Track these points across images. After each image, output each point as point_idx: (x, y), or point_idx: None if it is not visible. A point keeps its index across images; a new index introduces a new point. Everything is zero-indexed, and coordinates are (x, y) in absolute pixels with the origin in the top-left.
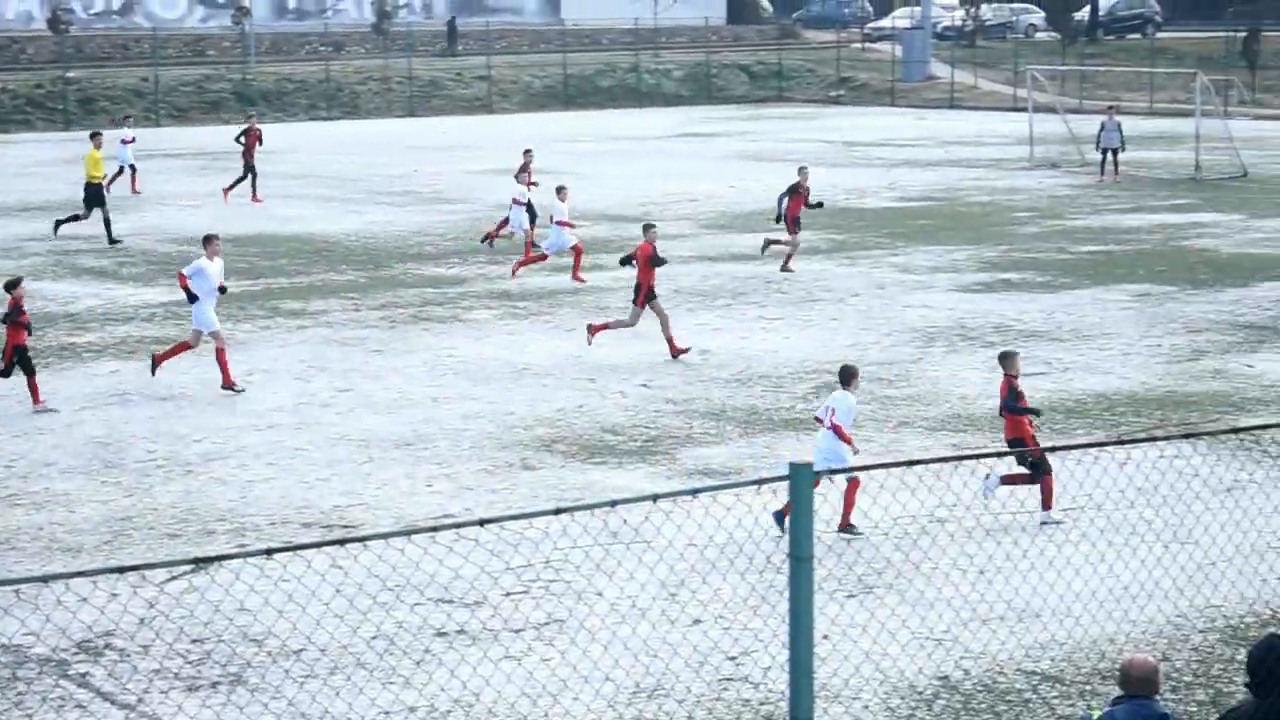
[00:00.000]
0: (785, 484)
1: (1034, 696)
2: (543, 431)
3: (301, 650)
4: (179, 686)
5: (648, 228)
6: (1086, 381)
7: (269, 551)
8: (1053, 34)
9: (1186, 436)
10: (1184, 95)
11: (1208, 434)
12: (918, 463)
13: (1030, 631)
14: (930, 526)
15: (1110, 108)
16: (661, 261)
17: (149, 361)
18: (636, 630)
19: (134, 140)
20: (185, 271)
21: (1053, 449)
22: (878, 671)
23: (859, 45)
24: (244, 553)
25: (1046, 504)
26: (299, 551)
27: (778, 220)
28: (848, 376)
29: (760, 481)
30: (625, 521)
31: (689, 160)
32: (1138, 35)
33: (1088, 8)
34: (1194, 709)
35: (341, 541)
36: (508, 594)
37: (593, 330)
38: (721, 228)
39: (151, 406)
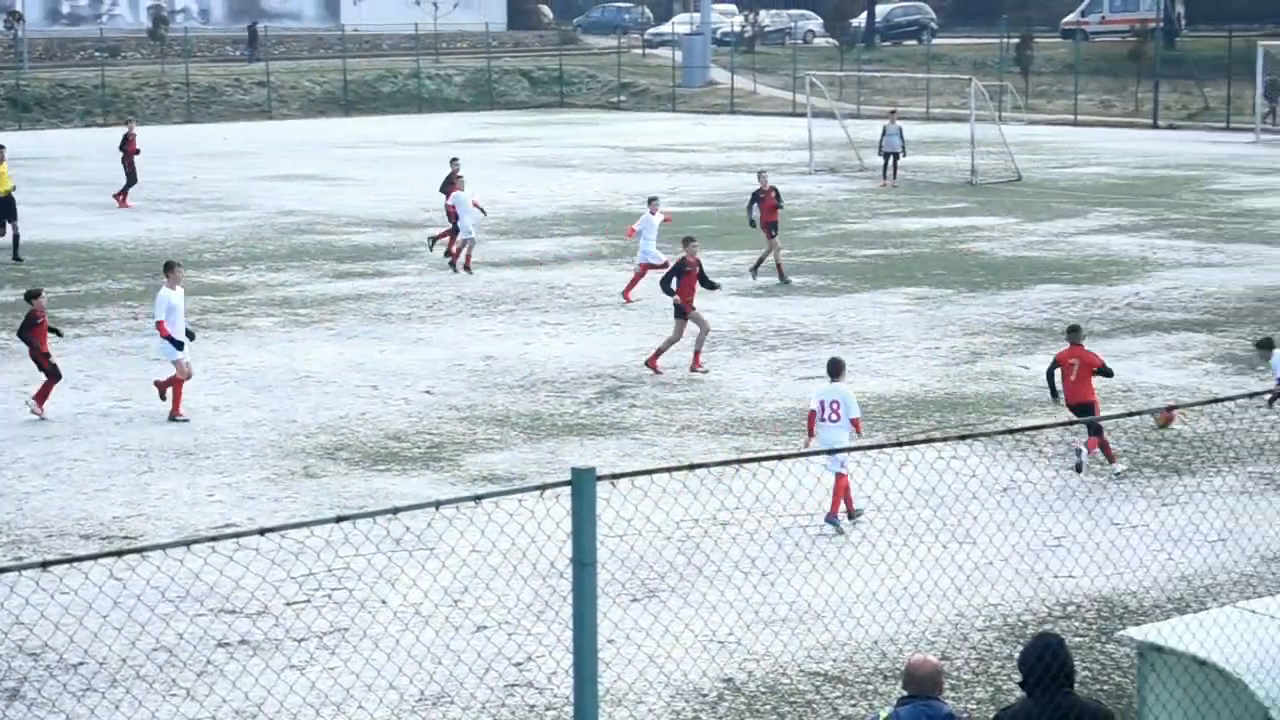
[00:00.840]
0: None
1: (817, 697)
2: (325, 439)
3: (80, 664)
4: None
5: (688, 241)
6: (867, 384)
7: (45, 564)
8: (831, 40)
9: (964, 438)
10: (959, 101)
11: (985, 435)
12: (700, 466)
13: (812, 632)
14: (713, 530)
15: (891, 112)
16: (712, 285)
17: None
18: (421, 637)
19: None
20: (159, 316)
21: (831, 451)
22: (662, 675)
23: (639, 51)
24: (19, 565)
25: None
26: (76, 564)
27: (751, 225)
28: (838, 369)
29: (543, 487)
30: (408, 529)
31: (471, 166)
32: (914, 41)
33: (865, 14)
34: (974, 706)
35: (119, 553)
36: (290, 603)
37: (652, 364)
38: (504, 233)
39: None
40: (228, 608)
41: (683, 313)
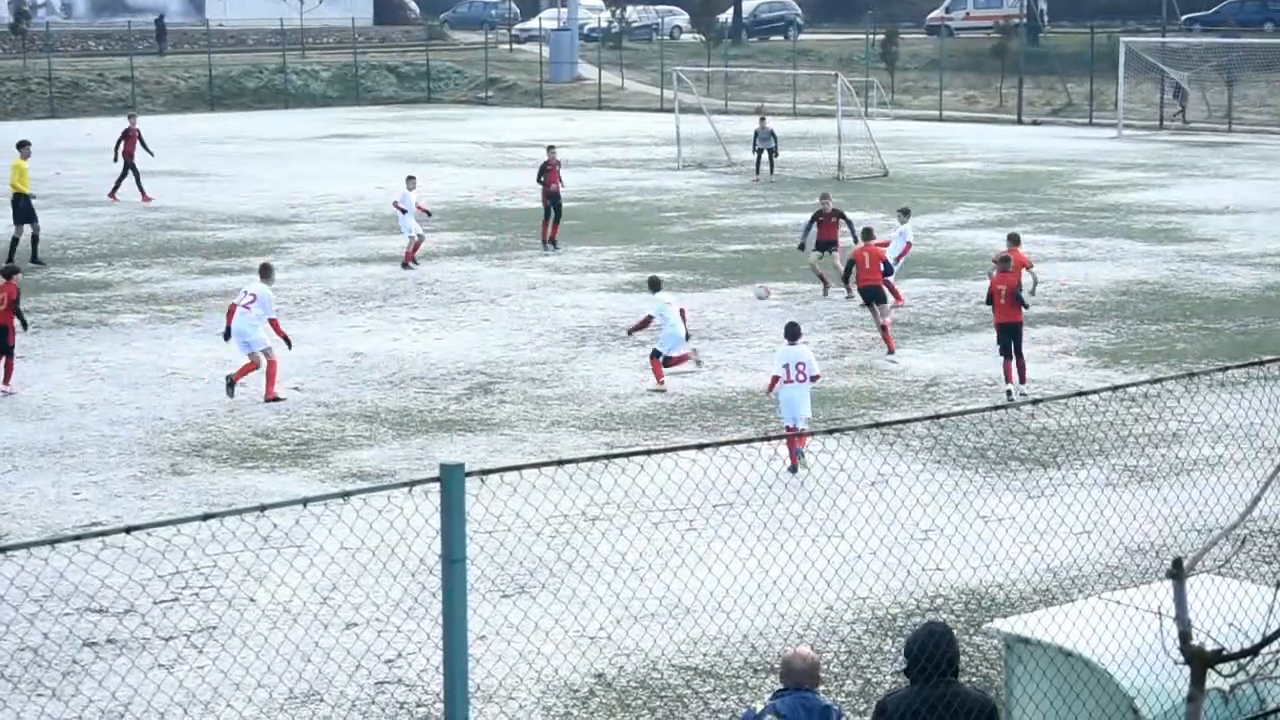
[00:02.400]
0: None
1: (688, 691)
2: (193, 436)
3: None
4: None
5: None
6: (736, 379)
7: None
8: (697, 36)
9: (832, 431)
10: (826, 97)
11: (853, 429)
12: (569, 461)
13: (683, 627)
14: (583, 525)
15: (760, 116)
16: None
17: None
18: (290, 635)
19: None
20: (270, 315)
21: (700, 446)
22: (533, 671)
23: (507, 46)
24: None
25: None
26: None
27: (801, 249)
28: (797, 332)
29: (412, 483)
30: (276, 526)
31: (337, 162)
32: (780, 37)
33: (731, 10)
34: (844, 699)
35: None
36: (157, 602)
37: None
38: (371, 229)
39: None
40: (94, 607)
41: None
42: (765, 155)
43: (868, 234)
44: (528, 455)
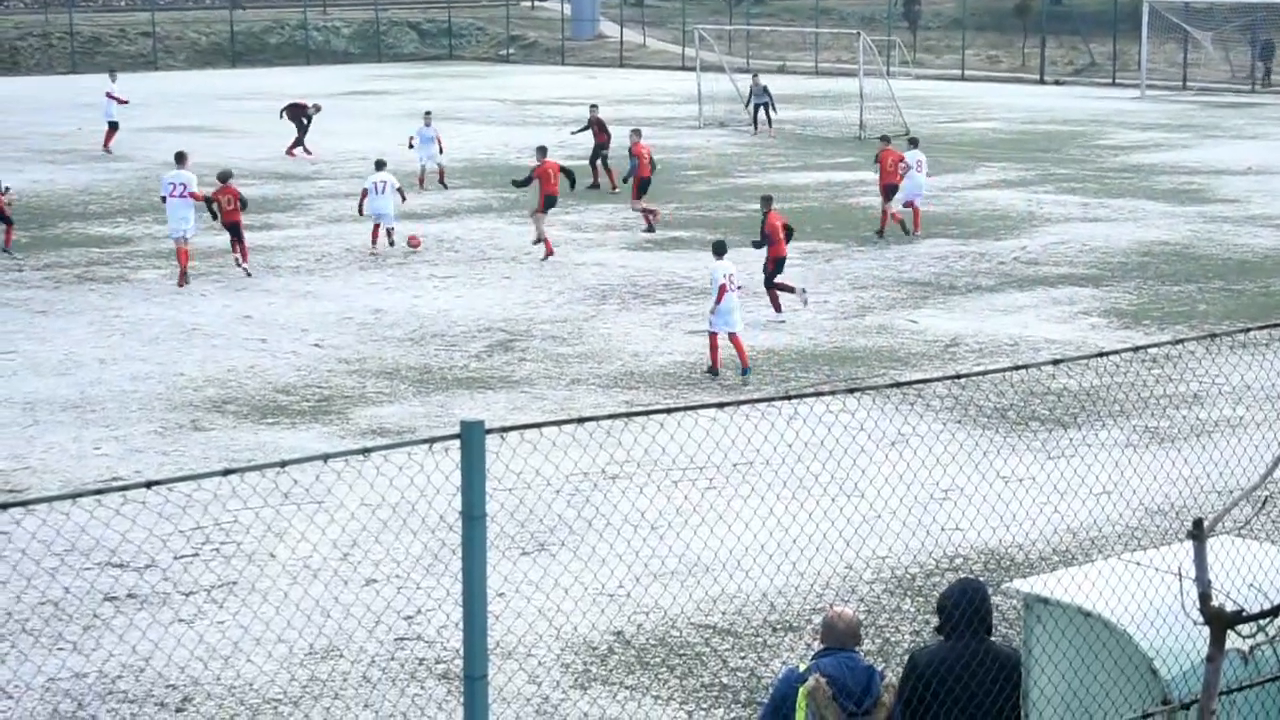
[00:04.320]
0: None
1: (707, 650)
2: (213, 392)
3: None
4: None
5: (767, 200)
6: (756, 338)
7: None
8: None
9: (852, 391)
10: (848, 55)
11: (872, 388)
12: (589, 419)
13: (702, 585)
14: (603, 483)
15: (754, 76)
16: (791, 232)
17: None
18: (309, 591)
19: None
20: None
21: (720, 404)
22: (552, 628)
23: (528, 4)
24: None
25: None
26: None
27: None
28: (724, 248)
29: (432, 440)
30: (296, 482)
31: (359, 119)
32: None
33: None
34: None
35: (4, 506)
36: (177, 557)
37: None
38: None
39: None
40: (114, 561)
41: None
42: (763, 111)
43: (885, 139)
44: (548, 413)
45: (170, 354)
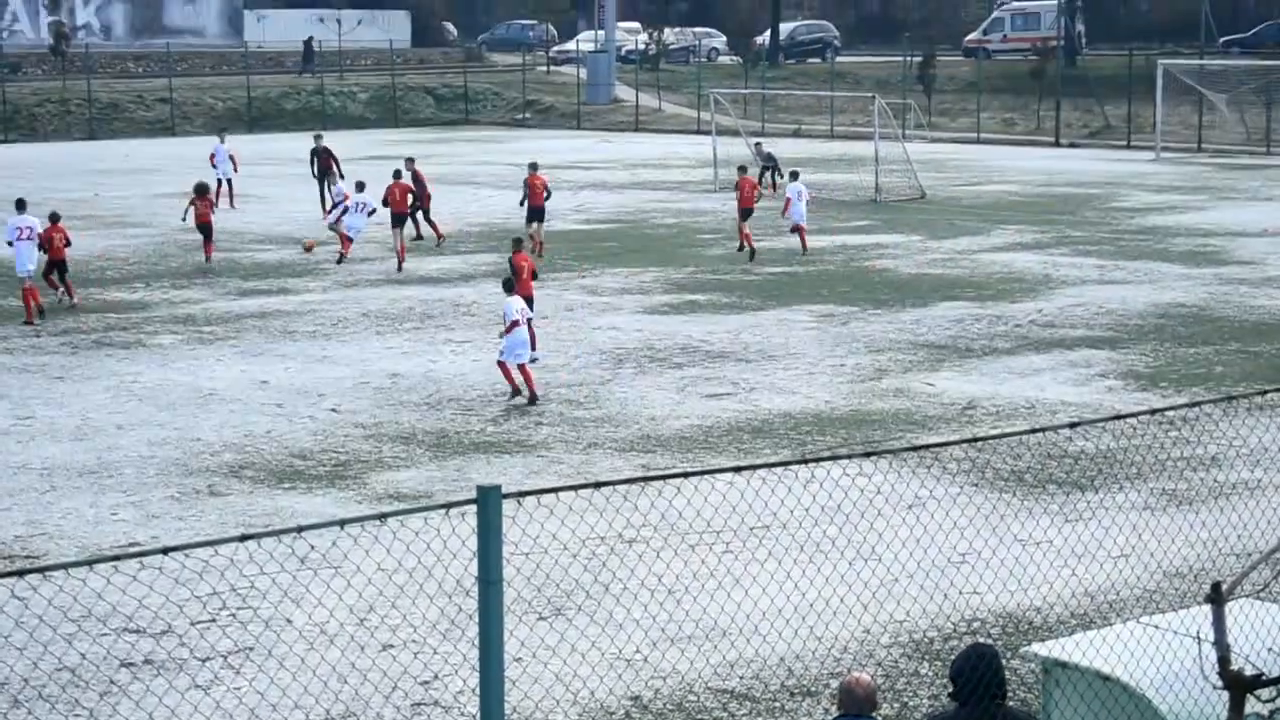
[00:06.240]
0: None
1: (725, 715)
2: (230, 457)
3: None
4: None
5: (517, 241)
6: (772, 401)
7: None
8: (735, 58)
9: (869, 454)
10: (863, 119)
11: (890, 452)
12: (606, 484)
13: (719, 650)
14: (619, 547)
15: (757, 144)
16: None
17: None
18: (326, 657)
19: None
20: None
21: (737, 469)
22: (569, 693)
23: (544, 69)
24: None
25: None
26: None
27: None
28: (512, 286)
29: (449, 505)
30: (313, 547)
31: (375, 185)
32: (818, 59)
33: (768, 32)
34: None
35: (21, 573)
36: (195, 623)
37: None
38: (408, 250)
39: None
40: (131, 627)
41: None
42: (769, 174)
43: (742, 169)
44: (564, 477)
45: (187, 419)
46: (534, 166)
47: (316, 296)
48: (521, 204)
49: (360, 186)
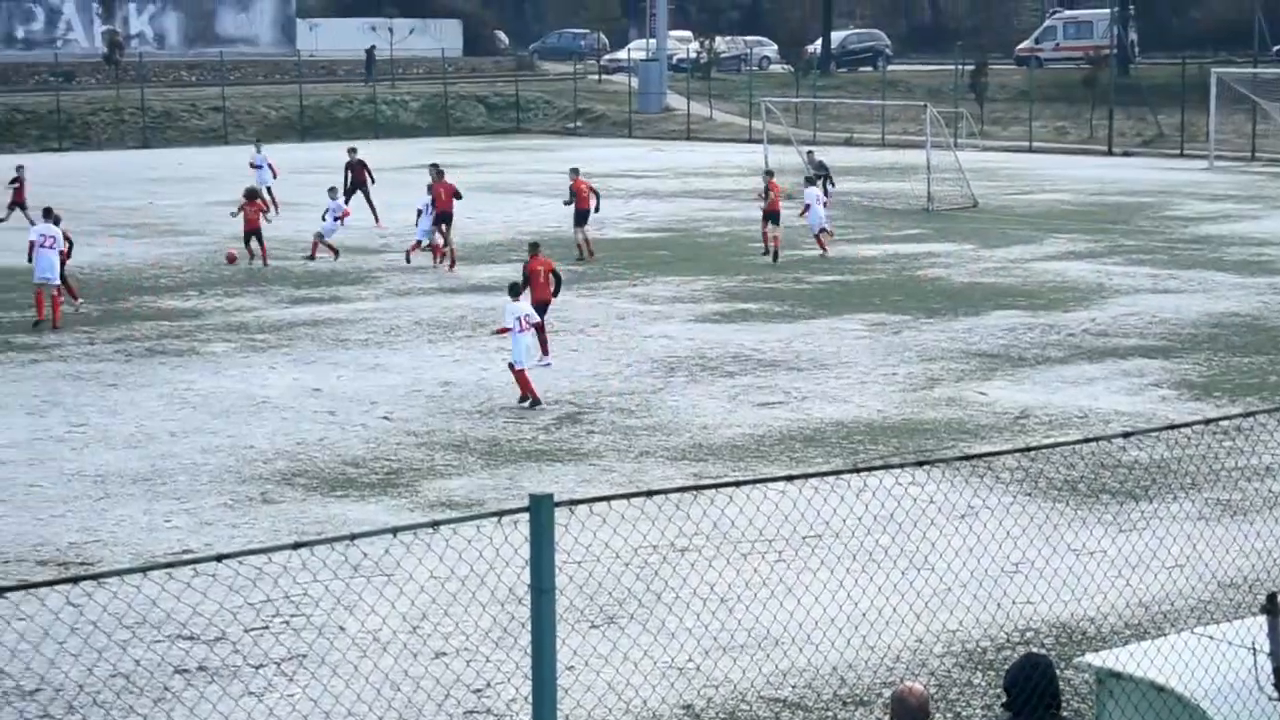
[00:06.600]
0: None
1: None
2: (283, 465)
3: (36, 690)
4: None
5: (534, 245)
6: (824, 410)
7: (1, 590)
8: (786, 67)
9: (921, 464)
10: (915, 127)
11: (942, 461)
12: (658, 492)
13: (771, 659)
14: (672, 556)
15: (809, 153)
16: (559, 280)
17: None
18: (379, 664)
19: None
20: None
21: (789, 477)
22: (621, 702)
23: (595, 77)
24: None
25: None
26: (32, 590)
27: None
28: (518, 290)
29: (501, 513)
30: (366, 555)
31: (414, 192)
32: (869, 68)
33: (820, 41)
34: None
35: (75, 579)
36: (248, 629)
37: None
38: (461, 259)
39: None
40: (185, 634)
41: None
42: (821, 183)
43: (769, 173)
44: (616, 485)
45: (240, 427)
46: (576, 171)
47: (369, 304)
48: (566, 204)
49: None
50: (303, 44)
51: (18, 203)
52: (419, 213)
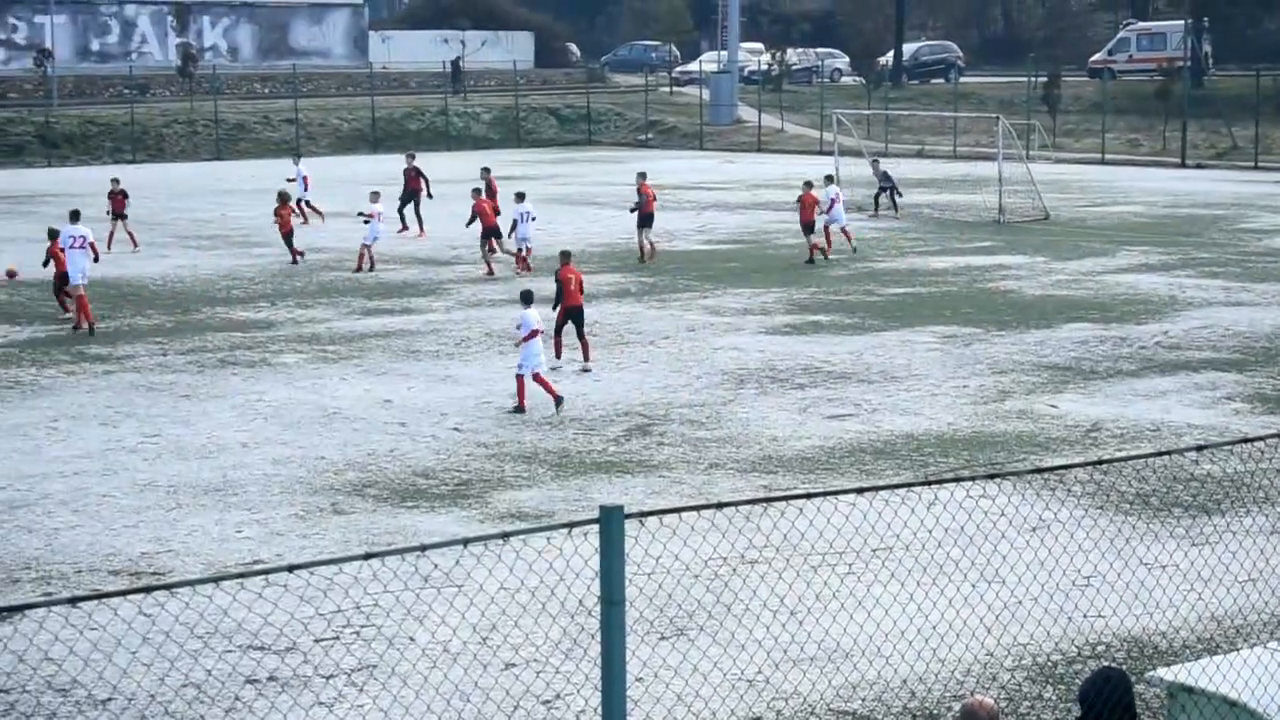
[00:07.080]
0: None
1: None
2: (354, 476)
3: (108, 700)
4: None
5: (565, 254)
6: (895, 422)
7: (74, 600)
8: (857, 79)
9: (992, 476)
10: (987, 139)
11: (1013, 474)
12: (728, 504)
13: (841, 672)
14: (741, 568)
15: (874, 161)
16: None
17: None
18: (449, 675)
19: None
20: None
21: (860, 490)
22: (690, 713)
23: (667, 89)
24: (49, 601)
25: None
26: (105, 599)
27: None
28: (531, 297)
29: (571, 525)
30: (436, 566)
31: (499, 204)
32: (941, 80)
33: (892, 53)
34: None
35: (148, 589)
36: (318, 640)
37: None
38: (532, 271)
39: None
40: (256, 644)
41: None
42: (886, 195)
43: (808, 184)
44: (686, 497)
45: (311, 438)
46: (643, 175)
47: (440, 316)
48: (632, 211)
49: (520, 196)
50: (375, 56)
51: (117, 213)
52: (514, 223)
